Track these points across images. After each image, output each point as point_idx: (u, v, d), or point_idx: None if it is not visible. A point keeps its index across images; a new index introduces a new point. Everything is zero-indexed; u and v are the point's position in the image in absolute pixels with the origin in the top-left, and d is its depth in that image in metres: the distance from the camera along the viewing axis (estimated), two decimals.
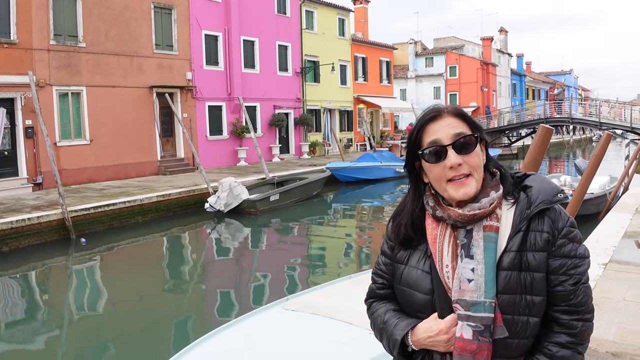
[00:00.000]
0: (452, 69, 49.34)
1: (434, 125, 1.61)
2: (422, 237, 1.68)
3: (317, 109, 30.75)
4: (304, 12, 29.50)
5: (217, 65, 24.15)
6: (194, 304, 9.37)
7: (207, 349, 4.21)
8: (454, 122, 1.60)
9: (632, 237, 7.69)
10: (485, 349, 1.52)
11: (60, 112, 18.07)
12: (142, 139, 20.53)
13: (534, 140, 3.30)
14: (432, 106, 1.67)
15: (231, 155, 24.86)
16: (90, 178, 18.60)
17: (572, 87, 76.22)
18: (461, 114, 1.63)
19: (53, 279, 11.21)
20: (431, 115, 1.63)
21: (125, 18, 19.86)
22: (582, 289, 1.55)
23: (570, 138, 49.89)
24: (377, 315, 1.76)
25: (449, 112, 1.62)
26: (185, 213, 16.09)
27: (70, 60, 18.19)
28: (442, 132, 1.59)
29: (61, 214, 12.81)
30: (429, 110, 1.65)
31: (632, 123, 29.08)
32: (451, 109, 1.63)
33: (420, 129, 1.63)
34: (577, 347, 1.55)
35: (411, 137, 1.66)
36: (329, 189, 21.20)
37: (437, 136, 1.59)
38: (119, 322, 8.32)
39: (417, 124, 1.65)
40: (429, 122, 1.62)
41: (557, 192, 1.59)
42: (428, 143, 1.60)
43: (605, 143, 5.12)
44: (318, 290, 5.25)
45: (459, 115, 1.62)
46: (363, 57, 34.92)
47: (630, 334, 4.26)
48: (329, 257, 12.51)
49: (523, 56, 63.70)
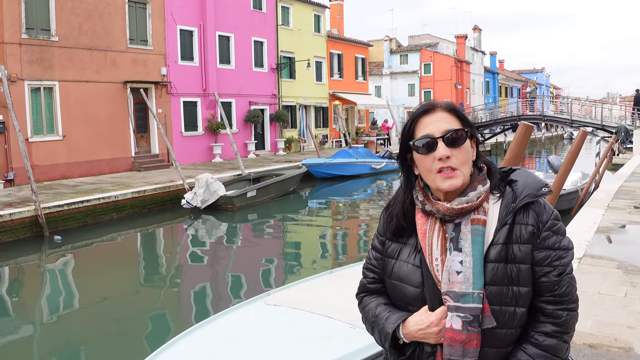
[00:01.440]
0: (427, 66, 49.64)
1: (427, 119, 1.65)
2: (412, 228, 1.72)
3: (293, 105, 30.70)
4: (280, 8, 29.40)
5: (192, 61, 23.95)
6: (171, 302, 9.31)
7: (189, 343, 4.22)
8: (447, 117, 1.65)
9: (605, 232, 7.85)
10: (475, 339, 1.56)
11: (33, 107, 17.74)
12: (116, 135, 20.27)
13: (514, 137, 3.37)
14: (427, 100, 1.71)
15: (206, 152, 24.71)
16: (63, 174, 18.32)
17: (544, 85, 77.28)
18: (454, 109, 1.68)
19: (26, 277, 11.03)
20: (425, 109, 1.67)
21: (98, 12, 19.56)
22: (567, 280, 1.59)
23: (542, 135, 50.63)
24: (368, 309, 1.79)
25: (442, 107, 1.67)
26: (161, 210, 15.96)
27: (43, 55, 17.87)
28: (434, 125, 1.63)
29: (34, 211, 12.61)
30: (423, 104, 1.69)
31: (603, 121, 29.62)
32: (444, 104, 1.68)
33: (414, 122, 1.67)
34: (563, 336, 1.59)
35: (405, 129, 1.69)
36: (304, 185, 21.22)
37: (430, 129, 1.63)
38: (94, 320, 8.21)
39: (411, 117, 1.69)
40: (423, 115, 1.67)
41: (542, 186, 1.63)
42: (420, 136, 1.64)
43: (581, 140, 5.23)
44: (299, 285, 5.29)
45: (452, 110, 1.67)
46: (339, 54, 34.95)
47: (606, 326, 4.36)
48: (306, 253, 12.54)
49: (496, 54, 64.34)
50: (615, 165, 20.76)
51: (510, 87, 68.13)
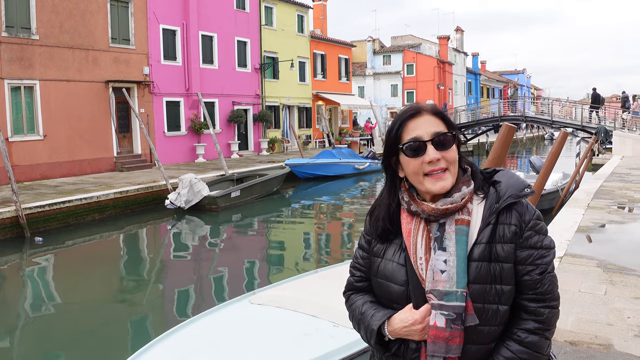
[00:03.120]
0: (410, 67, 49.88)
1: (414, 122, 1.67)
2: (398, 230, 1.74)
3: (276, 106, 30.67)
4: (263, 8, 29.36)
5: (175, 60, 23.82)
6: (155, 302, 9.26)
7: (173, 342, 4.22)
8: (433, 120, 1.67)
9: (585, 231, 7.96)
10: (458, 336, 1.59)
11: (13, 107, 17.51)
12: (98, 135, 20.09)
13: (497, 138, 3.41)
14: (412, 104, 1.73)
15: (189, 152, 24.59)
16: (43, 174, 18.13)
17: (525, 87, 78.01)
18: (439, 112, 1.70)
19: (6, 278, 10.89)
20: (411, 113, 1.69)
21: (80, 10, 19.38)
22: (548, 278, 1.63)
23: (523, 136, 51.11)
24: (355, 307, 1.82)
25: (427, 111, 1.68)
26: (144, 210, 15.87)
27: (23, 53, 17.67)
28: (422, 128, 1.65)
29: (15, 212, 12.47)
30: (409, 108, 1.71)
31: (583, 121, 29.97)
32: (430, 107, 1.70)
33: (401, 125, 1.69)
34: (545, 333, 1.63)
35: (390, 132, 1.71)
36: (288, 186, 21.22)
37: (418, 132, 1.65)
38: (76, 322, 8.15)
39: (397, 120, 1.71)
40: (409, 119, 1.68)
41: (524, 187, 1.67)
42: (409, 139, 1.66)
43: (562, 141, 5.31)
44: (284, 284, 5.31)
45: (437, 114, 1.69)
46: (322, 54, 34.98)
47: (586, 324, 4.44)
48: (290, 253, 12.55)
49: (478, 55, 64.82)
50: (595, 165, 21.01)
51: (492, 88, 68.72)
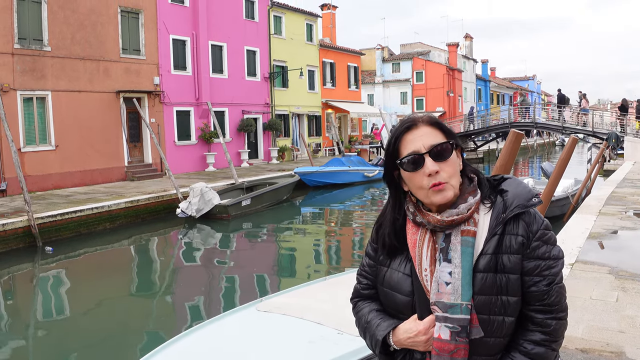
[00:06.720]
0: (419, 74, 49.84)
1: (410, 135, 1.65)
2: (404, 246, 1.73)
3: (286, 114, 30.75)
4: (272, 17, 29.50)
5: (185, 70, 23.98)
6: (164, 309, 9.29)
7: (179, 349, 4.25)
8: (429, 131, 1.65)
9: (596, 238, 7.91)
10: (462, 349, 1.58)
11: (25, 117, 17.71)
12: (109, 145, 20.24)
13: (504, 145, 3.40)
14: (408, 116, 1.71)
15: (199, 161, 24.70)
16: (55, 184, 18.27)
17: (535, 93, 77.65)
18: (436, 122, 1.68)
19: (19, 287, 10.99)
20: (407, 125, 1.67)
21: (91, 22, 19.58)
22: (556, 289, 1.60)
23: (534, 142, 50.85)
24: (361, 315, 1.82)
25: (424, 122, 1.66)
26: (155, 219, 15.93)
27: (35, 65, 17.86)
28: (418, 141, 1.63)
29: (27, 221, 12.57)
30: (404, 121, 1.69)
31: (594, 127, 29.79)
32: (426, 118, 1.68)
33: (397, 139, 1.67)
34: (552, 344, 1.61)
35: (389, 148, 1.69)
36: (297, 194, 21.23)
37: (415, 145, 1.63)
38: (87, 329, 8.20)
39: (393, 135, 1.69)
40: (406, 132, 1.66)
41: (532, 197, 1.64)
42: (407, 153, 1.64)
43: (571, 147, 5.28)
44: (291, 292, 5.32)
45: (434, 124, 1.67)
46: (331, 63, 35.06)
47: (598, 331, 4.40)
48: (300, 261, 12.55)
49: (488, 62, 64.63)
50: (607, 171, 20.89)
51: (502, 95, 68.47)
